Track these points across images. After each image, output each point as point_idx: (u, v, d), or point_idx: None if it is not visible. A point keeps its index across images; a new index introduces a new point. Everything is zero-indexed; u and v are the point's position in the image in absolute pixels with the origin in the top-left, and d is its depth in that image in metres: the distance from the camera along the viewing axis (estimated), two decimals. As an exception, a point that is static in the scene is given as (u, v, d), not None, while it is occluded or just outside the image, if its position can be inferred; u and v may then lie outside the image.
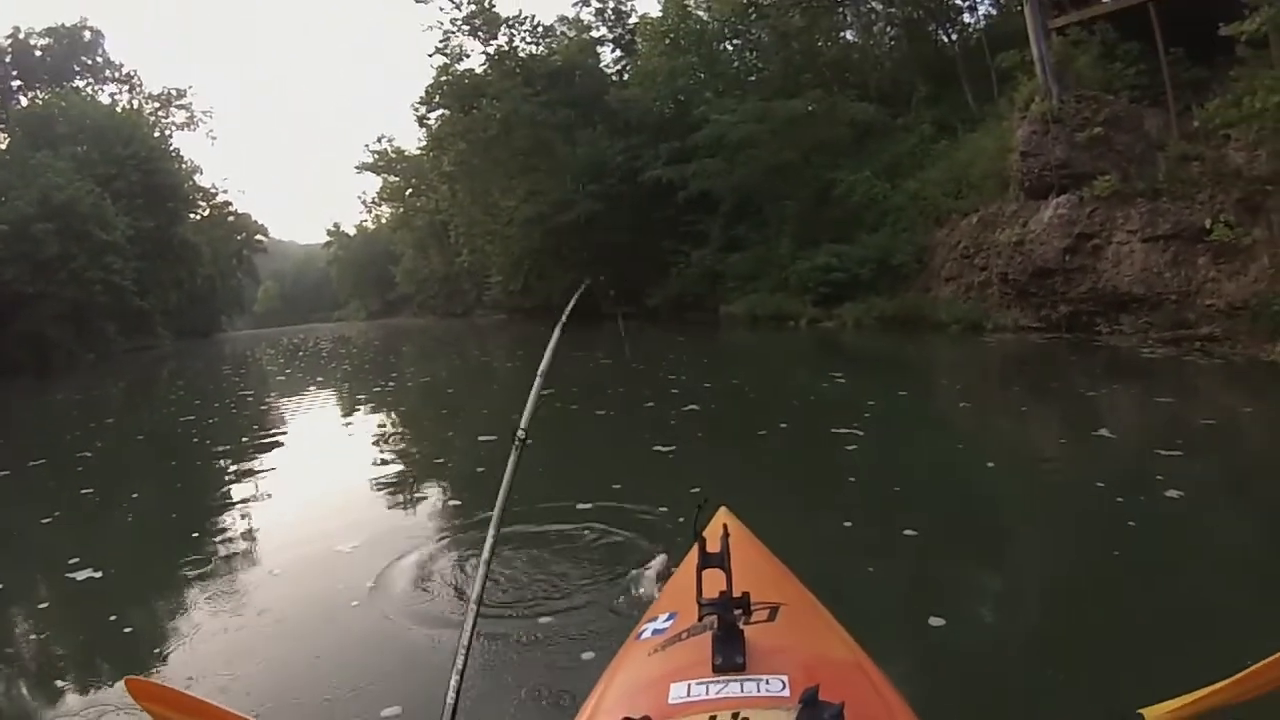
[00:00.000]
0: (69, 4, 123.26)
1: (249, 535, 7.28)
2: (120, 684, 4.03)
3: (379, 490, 8.66)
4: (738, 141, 28.45)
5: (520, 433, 3.20)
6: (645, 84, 38.26)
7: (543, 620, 4.57)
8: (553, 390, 15.74)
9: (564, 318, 4.03)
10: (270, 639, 4.88)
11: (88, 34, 54.67)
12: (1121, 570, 4.63)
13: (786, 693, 1.72)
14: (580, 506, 6.84)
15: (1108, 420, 9.10)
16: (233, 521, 7.84)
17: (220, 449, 12.55)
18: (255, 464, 10.95)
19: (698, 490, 3.30)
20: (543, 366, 3.40)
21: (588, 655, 4.07)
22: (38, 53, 51.35)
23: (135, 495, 9.52)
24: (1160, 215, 15.13)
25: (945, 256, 20.81)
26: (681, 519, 5.74)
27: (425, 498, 8.14)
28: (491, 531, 2.67)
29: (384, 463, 10.32)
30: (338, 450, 12.20)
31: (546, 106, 38.59)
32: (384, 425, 14.60)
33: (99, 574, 6.21)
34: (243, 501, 8.76)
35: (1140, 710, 1.71)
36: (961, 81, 26.00)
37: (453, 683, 2.16)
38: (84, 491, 9.67)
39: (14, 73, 50.25)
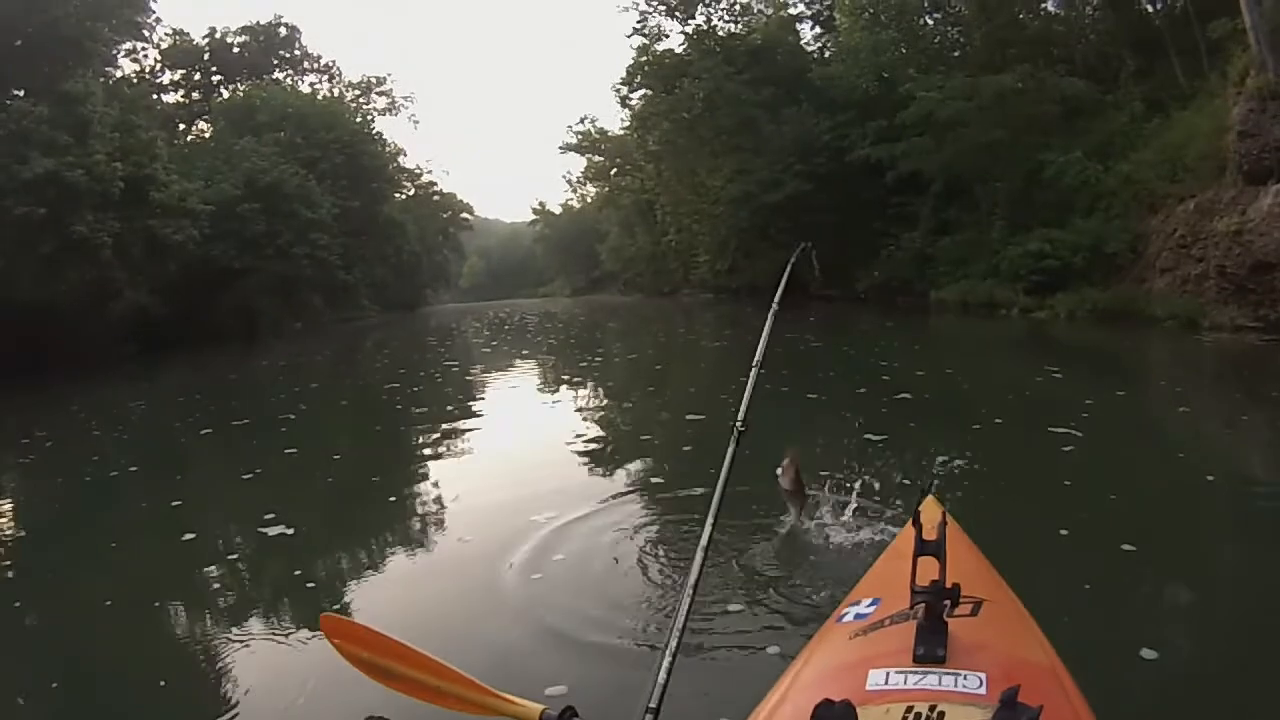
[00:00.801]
0: (266, 3, 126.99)
1: (443, 501, 7.62)
2: (301, 629, 4.83)
3: (580, 464, 8.85)
4: (945, 119, 27.94)
5: (738, 423, 3.28)
6: (847, 61, 37.69)
7: (733, 607, 4.61)
8: (763, 371, 16.15)
9: (779, 295, 3.86)
10: (449, 602, 5.23)
11: (283, 29, 57.44)
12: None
13: (984, 690, 1.74)
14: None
15: None
16: (429, 487, 8.33)
17: (422, 417, 13.31)
18: (456, 432, 11.46)
19: (908, 481, 3.26)
20: (758, 355, 3.41)
21: (773, 648, 4.12)
22: (235, 50, 54.21)
23: (337, 456, 10.28)
24: (1390, 206, 13.93)
25: (1161, 246, 19.97)
26: (891, 512, 5.68)
27: (628, 475, 8.13)
28: (710, 519, 2.69)
29: (586, 437, 10.55)
30: (540, 422, 12.57)
31: (749, 85, 38.81)
32: (588, 399, 14.98)
33: (291, 530, 6.72)
34: (441, 468, 9.33)
35: None
36: (1170, 54, 24.79)
37: (665, 663, 2.17)
38: (288, 451, 10.54)
39: (213, 69, 53.19)
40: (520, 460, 9.35)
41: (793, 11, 44.69)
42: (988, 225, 27.91)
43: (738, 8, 44.41)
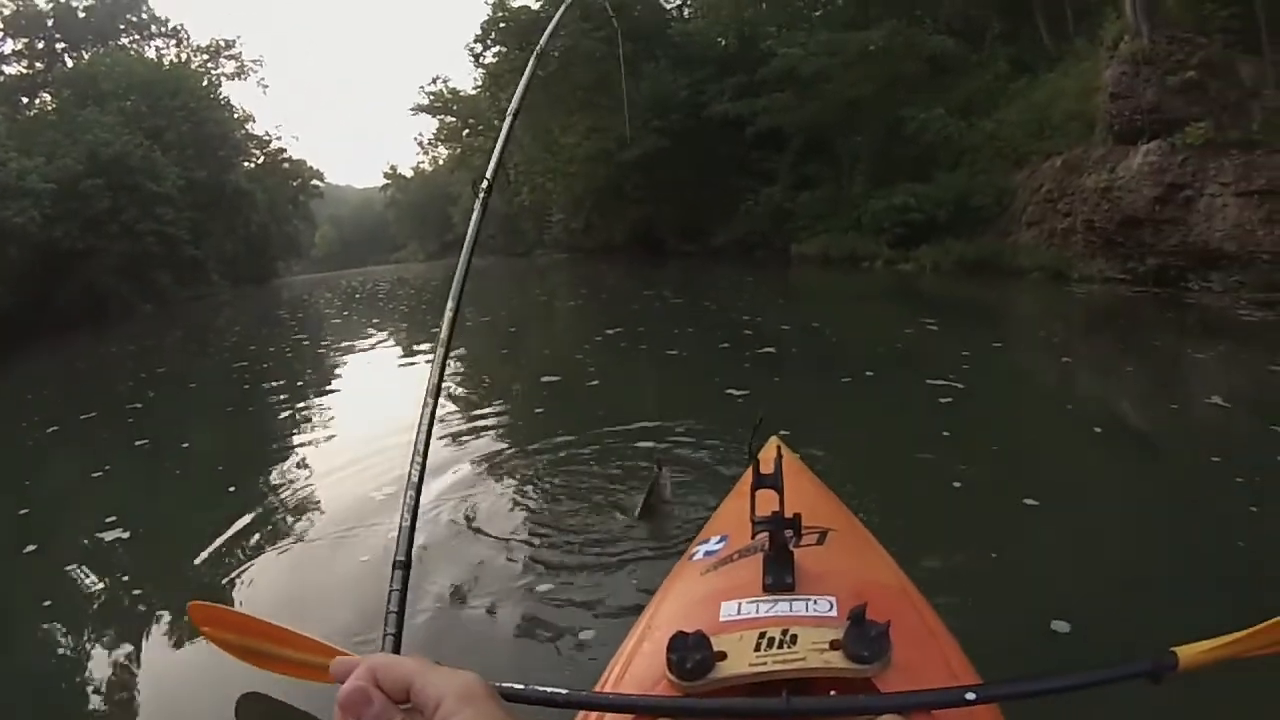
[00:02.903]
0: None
1: (294, 481, 7.34)
2: (165, 625, 4.68)
3: (435, 440, 8.39)
4: (809, 76, 27.84)
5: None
6: (708, 16, 37.83)
7: (589, 554, 4.82)
8: (621, 329, 15.76)
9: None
10: (309, 584, 5.13)
11: (130, -10, 54.54)
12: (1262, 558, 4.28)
13: (834, 613, 1.80)
14: (640, 445, 6.91)
15: (1219, 386, 8.57)
16: (279, 468, 7.90)
17: (272, 394, 12.71)
18: (305, 410, 11.10)
19: (759, 416, 3.28)
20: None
21: (630, 585, 4.36)
22: (81, 14, 51.37)
23: (185, 445, 9.62)
24: (1255, 169, 14.51)
25: (1026, 200, 20.32)
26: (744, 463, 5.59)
27: (484, 439, 7.96)
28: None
29: (442, 407, 10.03)
30: (392, 393, 12.31)
31: (606, 41, 38.19)
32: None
33: (143, 529, 6.47)
34: (290, 447, 8.90)
35: (1174, 648, 1.72)
36: (1036, 17, 25.24)
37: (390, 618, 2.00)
38: (138, 443, 9.89)
39: (57, 36, 50.33)
40: (370, 434, 8.86)
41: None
42: (849, 180, 28.01)
43: (597, -36, 43.26)
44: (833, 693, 1.66)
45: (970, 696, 1.57)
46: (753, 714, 1.57)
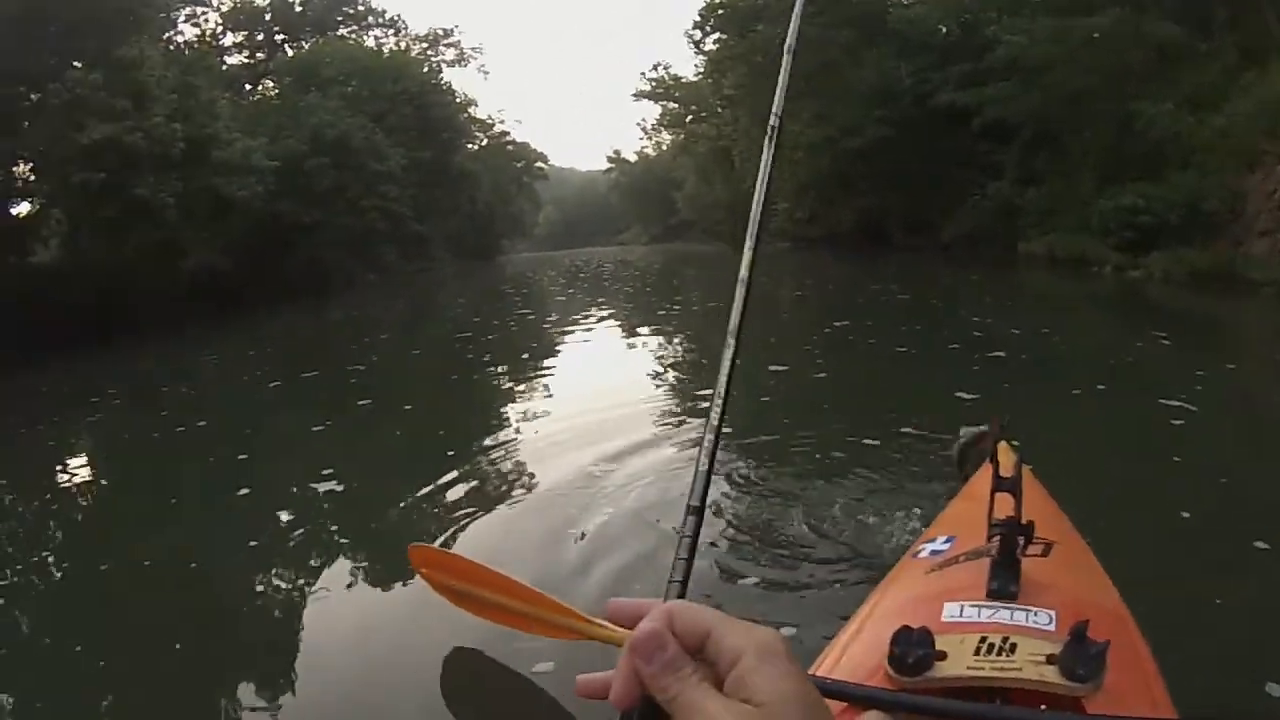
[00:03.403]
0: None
1: (511, 450, 7.66)
2: (381, 570, 5.08)
3: (653, 413, 8.73)
4: (1034, 64, 27.45)
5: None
6: (928, 3, 37.45)
7: (798, 563, 4.77)
8: (848, 322, 15.92)
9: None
10: (526, 546, 5.41)
11: (347, -16, 56.85)
12: None
13: (1053, 627, 1.78)
14: (867, 442, 6.97)
15: None
16: (498, 436, 8.31)
17: (493, 366, 13.46)
18: (528, 383, 11.58)
19: (1005, 417, 3.28)
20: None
21: (848, 585, 4.34)
22: (298, 8, 54.00)
23: (407, 408, 10.31)
24: None
25: (1259, 206, 19.37)
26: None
27: (703, 425, 8.13)
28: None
29: (662, 387, 10.60)
30: (614, 372, 12.63)
31: (827, 27, 38.10)
32: (665, 350, 14.81)
33: (359, 484, 6.95)
34: (510, 417, 9.36)
35: None
36: (1264, 2, 23.63)
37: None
38: (361, 402, 10.64)
39: (276, 28, 52.91)
40: (591, 410, 9.25)
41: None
42: (1077, 176, 27.24)
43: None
44: (1044, 707, 1.67)
45: None
46: (966, 716, 1.55)
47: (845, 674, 1.84)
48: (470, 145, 64.77)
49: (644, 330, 17.10)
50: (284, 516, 6.36)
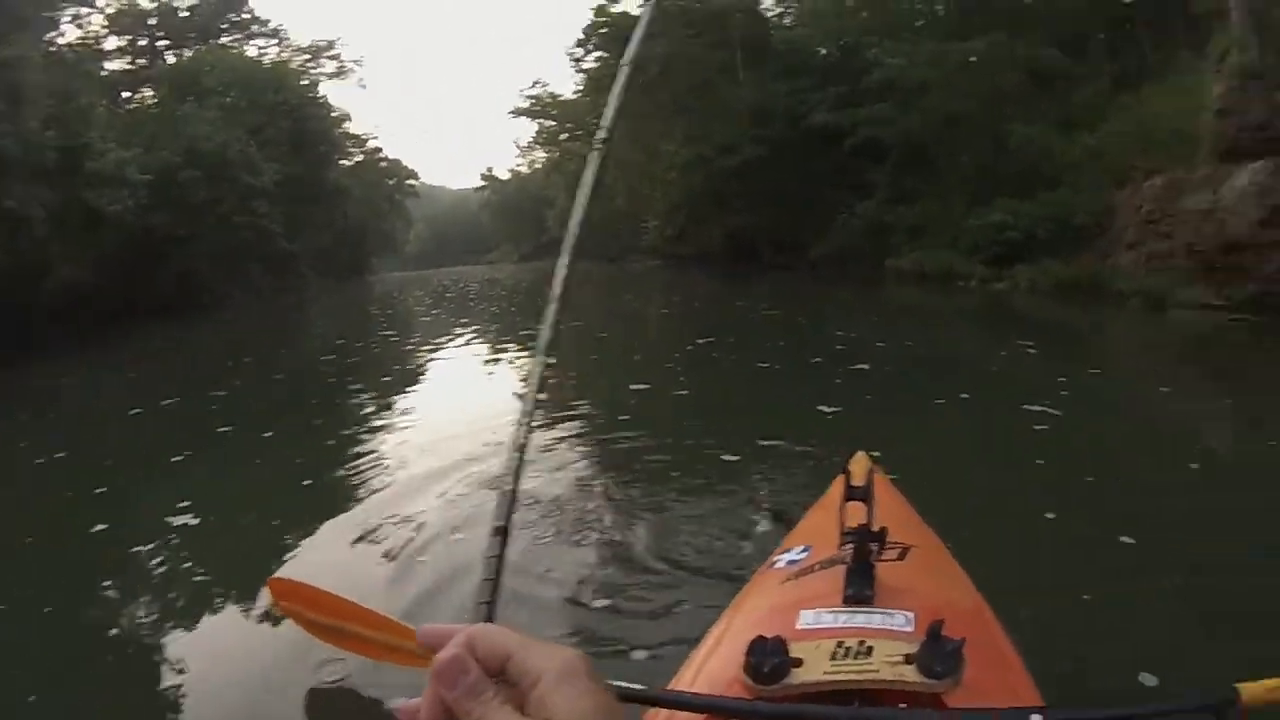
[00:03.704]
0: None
1: (372, 477, 7.33)
2: (243, 603, 4.77)
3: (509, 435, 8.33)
4: (911, 87, 27.76)
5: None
6: (810, 25, 37.78)
7: (655, 583, 4.68)
8: (713, 339, 15.77)
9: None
10: (381, 572, 5.14)
11: (233, -9, 55.57)
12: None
13: (911, 628, 1.79)
14: (726, 458, 6.88)
15: None
16: (359, 463, 7.84)
17: (354, 391, 12.87)
18: (386, 408, 11.20)
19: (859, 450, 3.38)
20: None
21: (706, 601, 4.14)
22: (183, 14, 52.23)
23: (267, 435, 9.74)
24: (1365, 191, 13.84)
25: (1127, 221, 19.68)
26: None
27: (563, 445, 7.92)
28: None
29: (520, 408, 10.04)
30: (472, 395, 12.26)
31: (708, 48, 38.15)
32: (528, 370, 14.35)
33: (219, 515, 6.52)
34: (372, 442, 8.84)
35: (1237, 684, 1.66)
36: (1141, 30, 24.75)
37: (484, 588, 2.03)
38: (220, 430, 9.98)
39: (160, 34, 51.18)
40: (452, 431, 8.95)
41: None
42: (948, 195, 27.59)
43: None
44: (903, 706, 1.69)
45: (1035, 718, 1.57)
46: None
47: (704, 687, 1.86)
48: (344, 161, 63.39)
49: (506, 352, 16.62)
50: (141, 553, 5.91)
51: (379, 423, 10.11)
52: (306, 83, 56.18)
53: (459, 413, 10.24)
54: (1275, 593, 4.24)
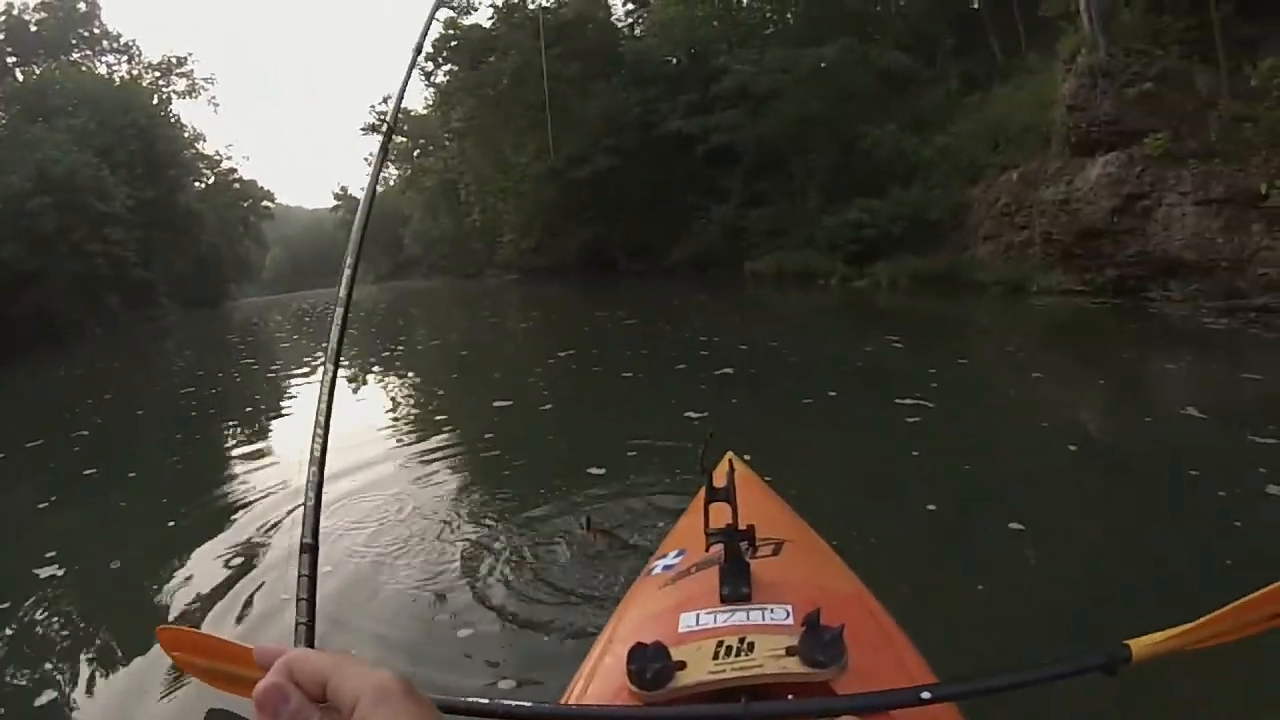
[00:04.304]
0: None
1: (239, 510, 7.01)
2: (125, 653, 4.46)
3: (377, 459, 8.19)
4: (761, 93, 27.92)
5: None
6: (660, 35, 37.84)
7: (532, 604, 4.53)
8: (574, 351, 15.48)
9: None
10: (236, 614, 4.84)
11: (84, 5, 53.52)
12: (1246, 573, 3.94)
13: (790, 621, 1.82)
14: (592, 471, 6.68)
15: (1192, 397, 8.28)
16: (226, 498, 7.54)
17: (219, 420, 12.42)
18: (253, 434, 10.85)
19: (710, 433, 3.17)
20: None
21: (587, 616, 4.16)
22: (33, 28, 50.26)
23: (132, 475, 9.32)
24: (1213, 178, 14.48)
25: (983, 214, 20.21)
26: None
27: (429, 467, 7.71)
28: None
29: (384, 431, 9.87)
30: (338, 417, 11.69)
31: (558, 60, 37.99)
32: (391, 392, 14.38)
33: (82, 565, 6.08)
34: (237, 475, 8.45)
35: (1126, 641, 1.68)
36: (988, 33, 25.27)
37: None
38: (85, 472, 9.40)
39: (9, 49, 49.12)
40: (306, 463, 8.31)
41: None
42: (802, 197, 27.87)
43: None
44: (790, 697, 1.67)
45: (925, 695, 1.55)
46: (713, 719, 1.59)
47: (593, 698, 1.86)
48: (197, 183, 61.13)
49: (369, 374, 16.29)
50: (7, 611, 5.37)
51: (242, 453, 9.65)
52: (157, 101, 54.59)
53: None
54: (1161, 561, 4.42)
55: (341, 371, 8.78)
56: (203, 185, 63.08)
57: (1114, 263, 15.69)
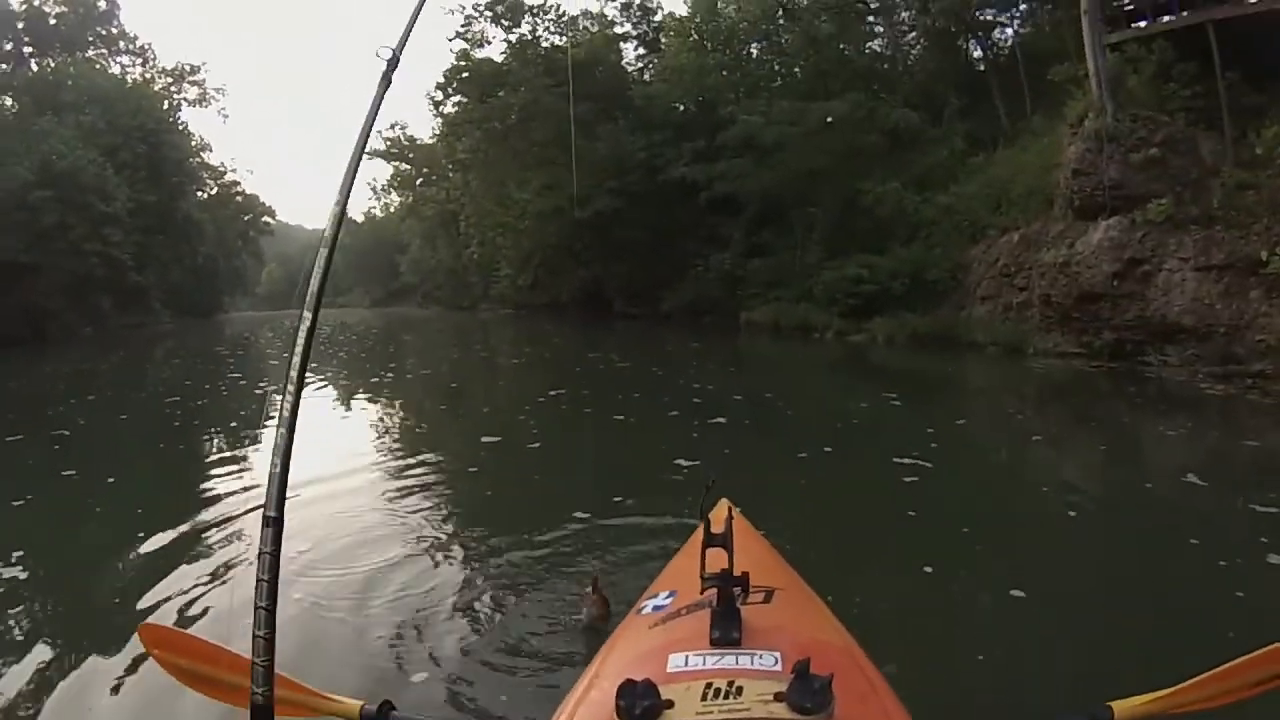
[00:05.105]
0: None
1: (214, 526, 6.87)
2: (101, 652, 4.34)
3: (358, 490, 8.10)
4: (768, 144, 27.92)
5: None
6: (669, 81, 37.99)
7: (513, 642, 4.44)
8: (565, 390, 15.37)
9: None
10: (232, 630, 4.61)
11: (104, 3, 53.49)
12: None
13: (779, 667, 1.83)
14: (579, 515, 6.53)
15: (1191, 463, 8.20)
16: (203, 511, 7.35)
17: (202, 432, 12.32)
18: (235, 449, 10.71)
19: (711, 479, 3.20)
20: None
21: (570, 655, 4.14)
22: (52, 20, 50.23)
23: (111, 480, 9.13)
24: (1214, 244, 14.54)
25: (982, 274, 20.17)
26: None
27: (412, 499, 7.59)
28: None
29: (369, 462, 9.61)
30: (320, 444, 11.62)
31: (567, 99, 38.05)
32: (377, 420, 14.11)
33: (50, 566, 6.06)
34: (217, 490, 8.27)
35: (1110, 703, 1.75)
36: (994, 96, 25.46)
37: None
38: (64, 473, 9.21)
39: (26, 39, 49.01)
40: (295, 480, 8.12)
41: (618, 30, 44.17)
42: (803, 249, 27.80)
43: (565, 19, 43.44)
44: None
45: None
46: None
47: None
48: (199, 192, 61.41)
49: (357, 398, 16.20)
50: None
51: (223, 467, 9.46)
52: (168, 107, 54.81)
53: (303, 460, 9.55)
54: (1160, 628, 4.36)
55: (329, 391, 8.86)
56: (205, 195, 63.40)
57: (1112, 326, 15.65)
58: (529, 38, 41.85)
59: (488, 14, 42.32)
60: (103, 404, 15.91)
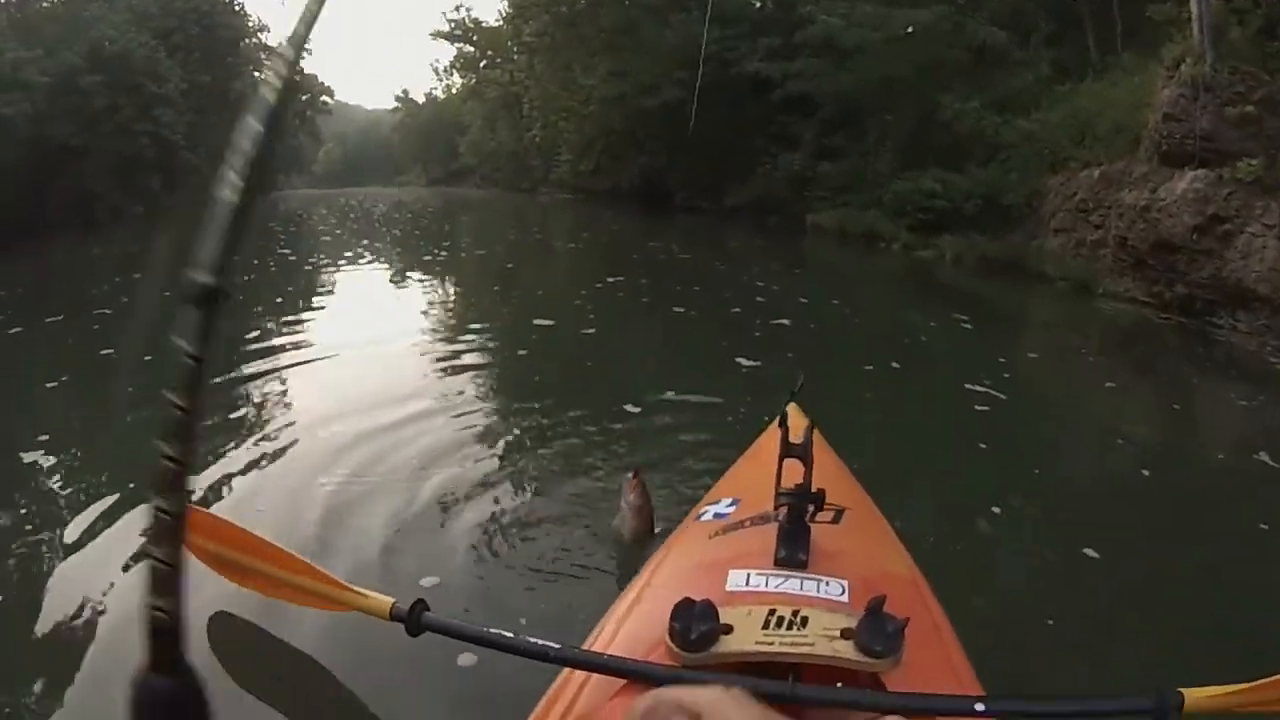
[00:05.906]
0: None
1: (255, 404, 7.14)
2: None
3: (408, 370, 8.25)
4: (848, 47, 27.44)
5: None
6: (746, -26, 36.96)
7: (562, 535, 4.54)
8: (622, 277, 15.31)
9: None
10: (285, 508, 4.94)
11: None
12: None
13: (845, 598, 1.77)
14: (629, 408, 6.62)
15: (1265, 442, 7.67)
16: (244, 391, 7.59)
17: (248, 308, 12.30)
18: (281, 326, 11.01)
19: (800, 381, 3.38)
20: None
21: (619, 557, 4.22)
22: None
23: (148, 358, 9.06)
24: (1301, 214, 14.26)
25: (1058, 206, 19.80)
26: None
27: (460, 381, 7.71)
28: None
29: (417, 341, 9.88)
30: (368, 317, 11.97)
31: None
32: (428, 299, 14.40)
33: (78, 448, 6.18)
34: (257, 369, 8.45)
35: (1181, 689, 1.68)
36: (1085, 26, 24.63)
37: None
38: (103, 352, 9.58)
39: None
40: (340, 367, 8.72)
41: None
42: (876, 156, 27.44)
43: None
44: (840, 684, 1.63)
45: (979, 707, 1.53)
46: (756, 695, 1.44)
47: (624, 649, 1.78)
48: (256, 73, 60.90)
49: (410, 275, 16.26)
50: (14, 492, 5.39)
51: (268, 344, 9.61)
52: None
53: (344, 349, 9.68)
54: (1230, 612, 4.21)
55: (382, 269, 9.12)
56: (261, 75, 62.79)
57: (1186, 280, 15.34)
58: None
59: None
60: (146, 283, 15.94)
